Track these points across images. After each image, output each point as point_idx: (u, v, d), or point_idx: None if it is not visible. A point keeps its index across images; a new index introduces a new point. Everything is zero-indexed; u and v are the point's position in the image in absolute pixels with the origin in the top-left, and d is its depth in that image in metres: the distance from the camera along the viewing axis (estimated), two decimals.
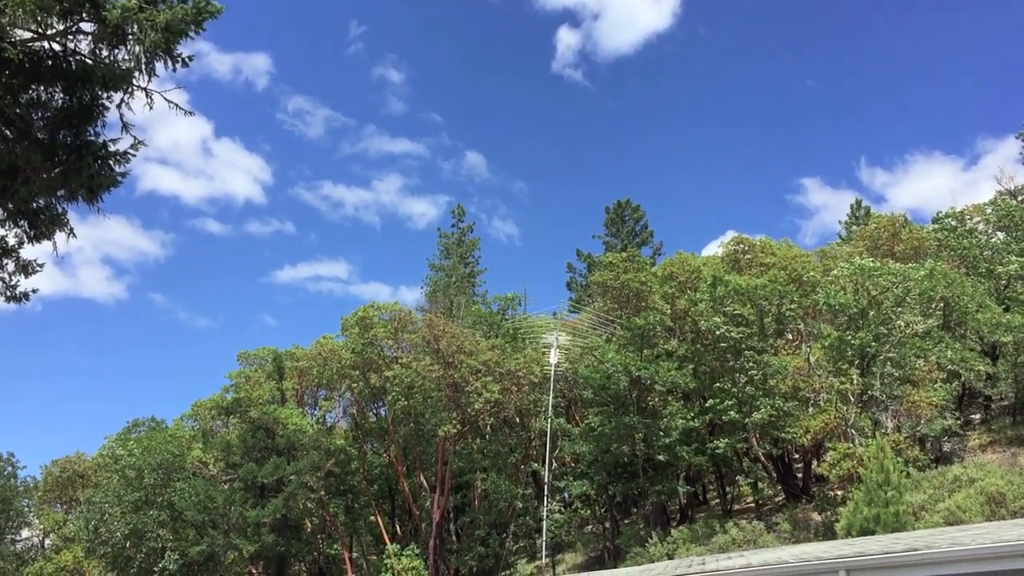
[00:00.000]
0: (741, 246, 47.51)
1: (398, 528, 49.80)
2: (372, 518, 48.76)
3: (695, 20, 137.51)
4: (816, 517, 34.30)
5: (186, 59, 13.32)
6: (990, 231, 47.35)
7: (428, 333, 41.36)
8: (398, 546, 42.50)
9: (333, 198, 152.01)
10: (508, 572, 44.56)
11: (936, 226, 49.08)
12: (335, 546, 50.74)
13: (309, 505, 45.18)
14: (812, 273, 40.64)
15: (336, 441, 46.56)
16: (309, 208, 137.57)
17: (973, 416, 43.10)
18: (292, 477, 42.51)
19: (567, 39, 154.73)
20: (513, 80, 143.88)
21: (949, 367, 36.68)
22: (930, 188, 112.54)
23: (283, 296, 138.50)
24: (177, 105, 13.78)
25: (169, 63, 13.24)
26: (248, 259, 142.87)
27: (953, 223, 47.10)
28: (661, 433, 37.10)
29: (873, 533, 22.95)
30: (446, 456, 42.32)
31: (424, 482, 45.41)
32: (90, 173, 13.36)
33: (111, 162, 13.66)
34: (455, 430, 40.34)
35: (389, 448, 46.90)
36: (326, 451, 44.19)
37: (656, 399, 39.29)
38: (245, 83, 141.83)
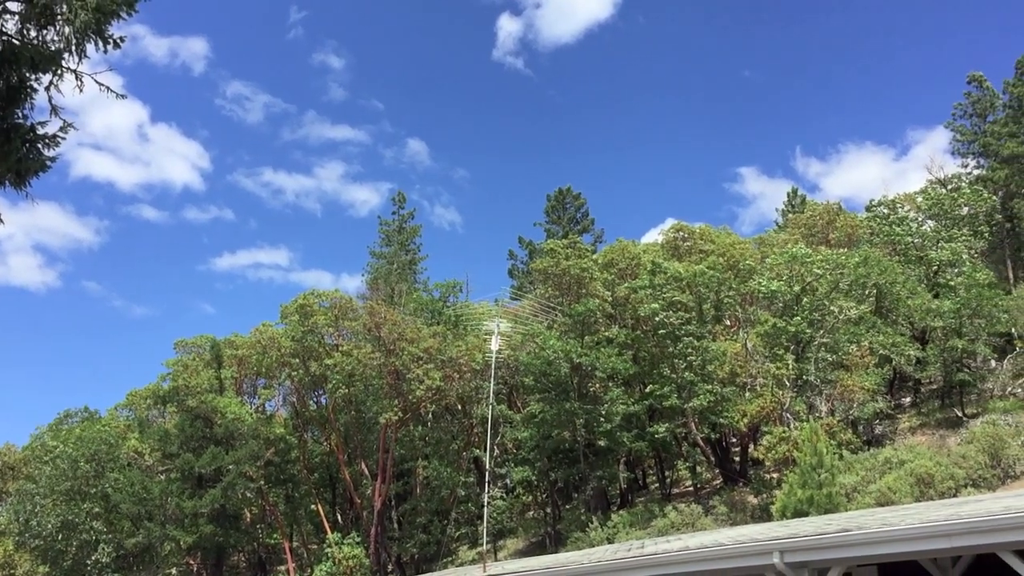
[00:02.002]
0: (681, 233, 48.05)
1: (339, 517, 49.49)
2: (313, 507, 48.39)
3: (635, 10, 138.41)
4: (752, 500, 34.97)
5: (118, 40, 12.96)
6: (921, 219, 48.58)
7: (369, 320, 41.08)
8: (339, 535, 42.27)
9: (273, 185, 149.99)
10: (449, 559, 44.63)
11: (869, 214, 50.22)
12: (275, 536, 50.27)
13: (248, 495, 44.63)
14: (749, 261, 41.28)
15: (276, 430, 46.05)
16: (249, 195, 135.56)
17: (903, 399, 44.27)
18: (231, 467, 41.95)
19: (508, 27, 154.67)
20: (454, 68, 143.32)
21: (881, 352, 37.62)
22: (863, 177, 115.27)
23: (222, 284, 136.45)
24: (108, 88, 13.42)
25: (100, 44, 12.88)
26: (186, 246, 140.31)
27: (885, 211, 48.22)
28: (602, 419, 37.43)
29: (807, 515, 23.49)
30: (387, 444, 42.16)
31: (365, 470, 45.19)
32: (18, 157, 12.93)
33: (40, 146, 13.26)
34: (396, 418, 40.19)
35: (330, 436, 46.54)
36: (265, 440, 43.69)
37: (597, 385, 39.62)
38: (182, 67, 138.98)
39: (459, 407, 46.59)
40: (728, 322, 42.60)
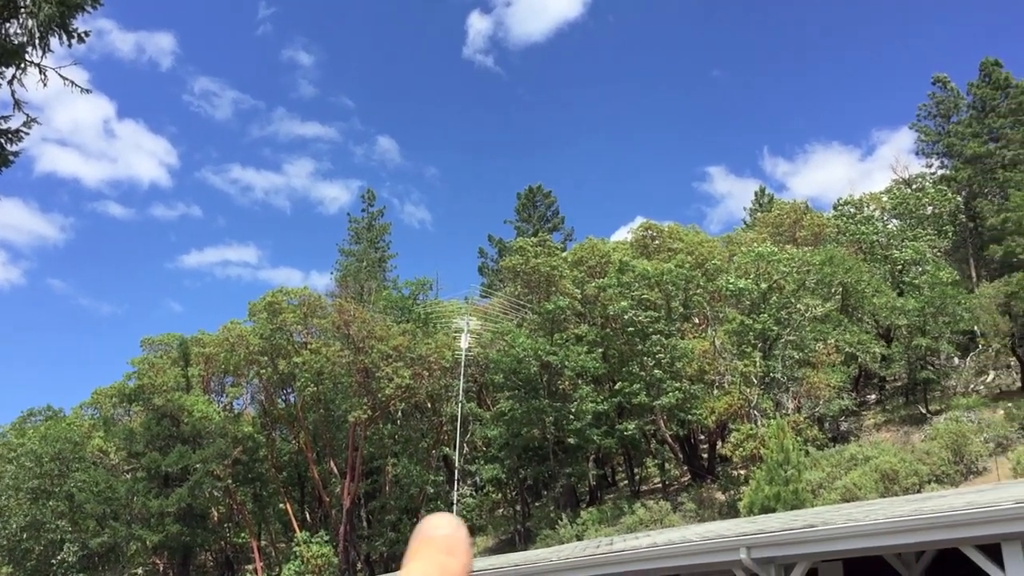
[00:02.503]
0: (650, 232, 48.29)
1: (308, 515, 49.23)
2: (281, 506, 48.08)
3: (605, 9, 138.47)
4: (720, 496, 35.24)
5: (83, 35, 12.81)
6: (886, 218, 49.16)
7: (338, 318, 40.89)
8: (307, 533, 42.04)
9: (242, 182, 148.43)
10: None
11: (835, 213, 50.75)
12: (243, 535, 49.89)
13: (215, 494, 44.28)
14: (717, 259, 41.58)
15: (244, 428, 45.69)
16: (217, 192, 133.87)
17: (869, 396, 44.81)
18: (198, 465, 41.60)
19: (478, 25, 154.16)
20: (425, 65, 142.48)
21: (846, 350, 38.04)
22: (829, 177, 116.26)
23: (190, 281, 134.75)
24: (73, 82, 13.26)
25: (65, 38, 12.73)
26: (153, 244, 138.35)
27: (851, 210, 48.75)
28: (571, 416, 37.52)
29: (774, 511, 23.69)
30: (356, 442, 41.99)
31: (334, 468, 44.99)
32: None
33: (2, 141, 13.08)
34: (366, 416, 40.04)
35: (298, 435, 46.28)
36: (233, 439, 43.35)
37: (566, 383, 39.71)
38: (149, 63, 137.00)
39: (428, 405, 46.50)
40: (696, 320, 42.88)
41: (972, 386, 40.56)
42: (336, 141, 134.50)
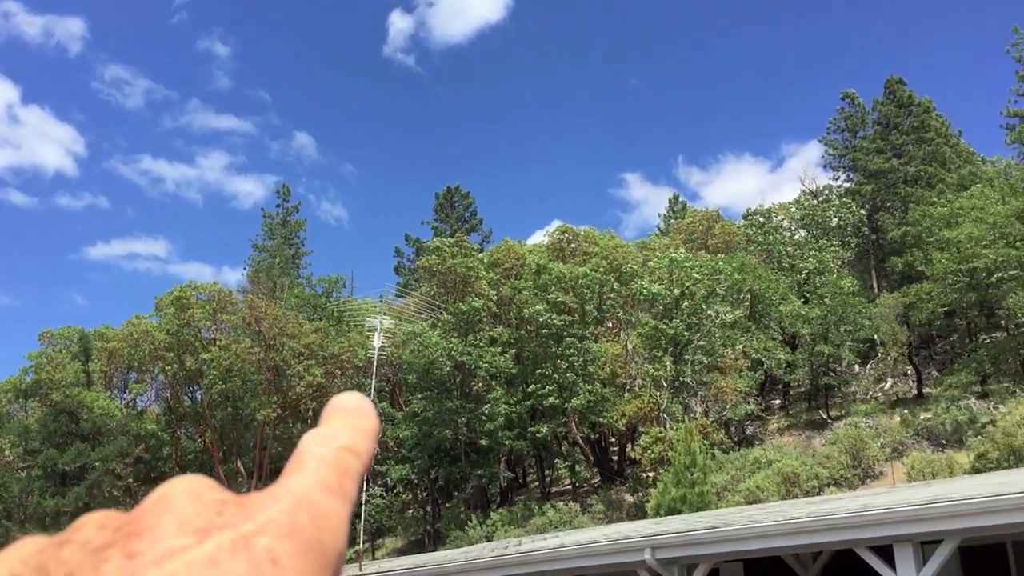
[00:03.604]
0: (566, 236, 48.69)
1: None
2: None
3: (526, 14, 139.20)
4: (629, 498, 35.72)
5: None
6: (793, 228, 50.58)
7: (249, 315, 40.13)
8: None
9: (153, 173, 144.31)
10: None
11: (746, 222, 52.02)
12: None
13: (115, 493, 42.92)
14: (632, 264, 42.16)
15: (147, 426, 44.47)
16: (126, 183, 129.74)
17: (773, 401, 45.99)
18: (97, 463, 40.31)
19: (400, 23, 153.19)
20: (344, 62, 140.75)
21: (753, 355, 39.02)
22: (741, 187, 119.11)
23: (95, 274, 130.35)
24: None
25: None
26: (57, 234, 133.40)
27: (761, 220, 50.02)
28: (484, 418, 37.57)
29: (680, 513, 24.13)
30: (265, 441, 41.25)
31: (241, 468, 44.12)
32: None
33: None
34: (275, 414, 39.39)
35: (205, 433, 45.26)
36: (135, 436, 42.16)
37: (480, 384, 39.75)
38: (57, 47, 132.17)
39: None
40: (610, 324, 43.40)
41: (871, 393, 42.02)
42: (252, 135, 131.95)
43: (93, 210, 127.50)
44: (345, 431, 0.51)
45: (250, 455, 43.81)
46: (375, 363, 36.46)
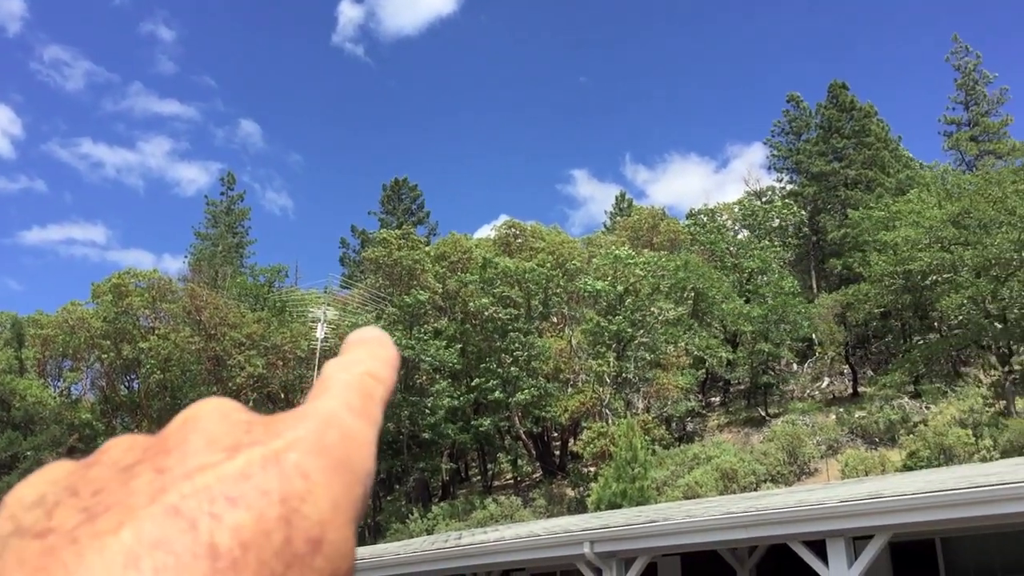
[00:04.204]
0: (513, 230, 48.76)
1: None
2: None
3: (478, 8, 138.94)
4: (570, 492, 35.94)
5: None
6: (736, 228, 51.29)
7: (189, 303, 39.50)
8: None
9: (93, 157, 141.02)
10: None
11: (690, 221, 52.62)
12: None
13: None
14: (577, 260, 42.39)
15: (82, 415, 43.52)
16: (64, 166, 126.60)
17: (714, 399, 46.64)
18: (28, 453, 39.39)
19: (349, 12, 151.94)
20: (292, 49, 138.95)
21: (695, 353, 39.51)
22: (686, 187, 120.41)
23: (30, 259, 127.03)
24: None
25: None
26: None
27: (705, 219, 50.64)
28: (427, 411, 37.49)
29: (620, 507, 24.34)
30: None
31: None
32: None
33: None
34: None
35: (141, 423, 44.41)
36: (69, 425, 41.26)
37: (423, 377, 39.63)
38: None
39: (282, 395, 45.45)
40: (555, 319, 43.59)
41: (808, 391, 42.85)
42: (196, 121, 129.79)
43: (29, 194, 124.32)
44: (367, 359, 0.51)
45: None
46: (318, 354, 36.15)
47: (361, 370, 0.51)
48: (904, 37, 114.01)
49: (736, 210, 52.08)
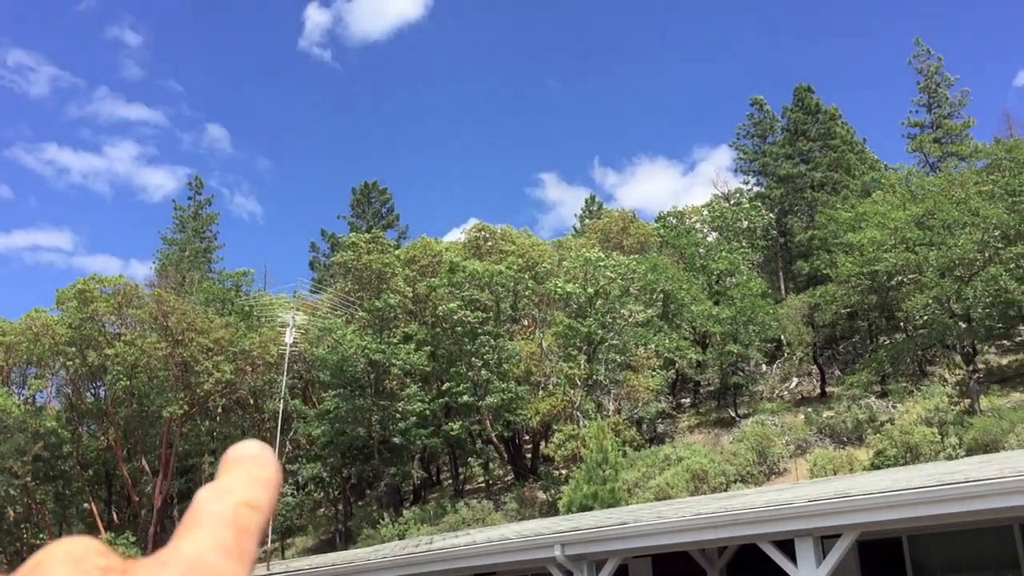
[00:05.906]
0: (483, 233, 48.72)
1: (115, 515, 46.71)
2: (86, 505, 45.38)
3: (446, 13, 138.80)
4: (542, 495, 35.93)
5: None
6: (705, 230, 51.59)
7: (156, 309, 39.06)
8: (113, 534, 39.89)
9: (58, 163, 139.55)
10: None
11: (659, 224, 52.87)
12: (42, 536, 46.74)
13: (12, 492, 41.31)
14: (547, 263, 42.44)
15: (47, 423, 42.80)
16: (29, 172, 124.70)
17: (684, 400, 46.85)
18: None
19: (316, 17, 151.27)
20: (259, 54, 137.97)
21: (665, 355, 39.68)
22: (654, 190, 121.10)
23: None
24: None
25: None
26: None
27: (674, 222, 50.90)
28: (398, 416, 37.34)
29: (592, 509, 24.38)
30: (171, 439, 40.22)
31: (146, 466, 42.94)
32: None
33: None
34: (182, 411, 38.43)
35: (108, 431, 43.86)
36: (34, 433, 40.60)
37: (394, 382, 39.49)
38: None
39: (251, 401, 45.10)
40: (525, 322, 43.61)
41: (777, 392, 43.18)
42: (163, 126, 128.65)
43: None
44: (243, 484, 0.46)
45: (156, 453, 42.66)
46: (287, 359, 35.90)
47: (235, 499, 0.46)
48: (868, 40, 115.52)
49: (705, 213, 52.40)
